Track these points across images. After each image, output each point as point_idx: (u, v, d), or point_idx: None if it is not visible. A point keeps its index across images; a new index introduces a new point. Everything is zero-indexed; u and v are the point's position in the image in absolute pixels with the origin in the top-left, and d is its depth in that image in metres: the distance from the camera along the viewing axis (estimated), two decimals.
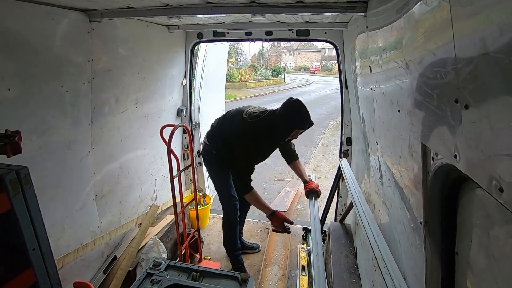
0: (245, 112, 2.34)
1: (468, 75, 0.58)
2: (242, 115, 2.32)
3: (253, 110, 2.35)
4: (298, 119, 2.16)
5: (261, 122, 2.24)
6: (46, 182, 1.81)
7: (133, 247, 2.46)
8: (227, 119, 2.44)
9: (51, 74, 1.77)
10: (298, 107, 2.16)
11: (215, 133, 2.48)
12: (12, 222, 0.77)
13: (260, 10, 1.77)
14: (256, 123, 2.25)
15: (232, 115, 2.42)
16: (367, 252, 1.74)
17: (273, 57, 45.42)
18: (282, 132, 2.23)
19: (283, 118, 2.17)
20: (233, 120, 2.37)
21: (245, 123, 2.27)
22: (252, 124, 2.25)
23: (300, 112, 2.15)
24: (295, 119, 2.17)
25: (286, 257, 2.90)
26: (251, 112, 2.32)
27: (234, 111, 2.46)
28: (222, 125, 2.46)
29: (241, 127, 2.29)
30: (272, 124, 2.21)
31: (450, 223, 0.79)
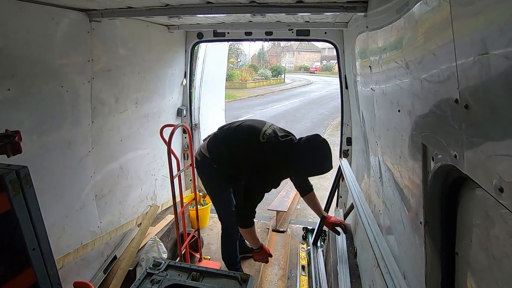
0: (262, 134, 1.99)
1: (468, 75, 0.58)
2: (259, 138, 1.97)
3: (270, 132, 2.00)
4: (320, 168, 1.88)
5: (279, 152, 1.93)
6: (46, 182, 1.81)
7: (133, 247, 2.46)
8: (238, 135, 2.07)
9: (51, 74, 1.77)
10: (326, 152, 1.87)
11: (219, 147, 2.13)
12: (12, 222, 0.77)
13: (260, 10, 1.77)
14: (274, 151, 1.94)
15: (243, 132, 2.06)
16: (367, 252, 1.74)
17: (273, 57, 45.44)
18: (299, 173, 2.05)
19: (305, 161, 1.88)
20: (246, 139, 2.02)
21: (263, 148, 1.95)
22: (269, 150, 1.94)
23: (324, 163, 1.86)
24: (316, 167, 1.89)
25: (286, 257, 2.90)
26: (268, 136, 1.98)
27: (247, 127, 2.08)
28: (231, 139, 2.09)
29: (257, 150, 1.97)
30: (291, 160, 1.90)
31: (450, 223, 0.79)
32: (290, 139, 1.98)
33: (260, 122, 2.13)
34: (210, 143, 2.19)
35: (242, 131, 2.07)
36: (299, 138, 1.99)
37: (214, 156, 2.15)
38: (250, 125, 2.09)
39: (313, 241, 2.93)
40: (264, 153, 1.94)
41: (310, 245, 2.97)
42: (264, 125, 2.08)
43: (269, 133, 2.00)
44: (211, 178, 2.26)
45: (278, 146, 1.93)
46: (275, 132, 2.02)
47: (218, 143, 2.14)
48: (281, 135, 2.01)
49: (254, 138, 1.97)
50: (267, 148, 1.94)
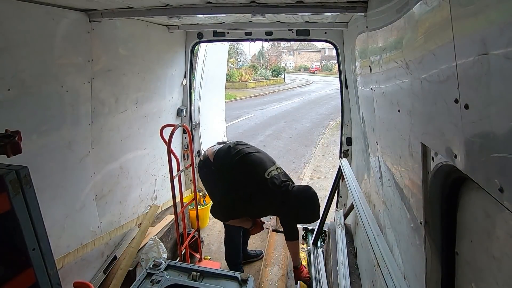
0: (268, 171, 2.18)
1: (468, 75, 0.58)
2: (265, 174, 2.16)
3: (275, 174, 2.20)
4: (306, 217, 2.16)
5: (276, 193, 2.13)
6: (46, 182, 1.81)
7: (133, 247, 2.46)
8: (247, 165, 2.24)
9: (51, 74, 1.77)
10: (313, 205, 2.10)
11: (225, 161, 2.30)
12: (12, 222, 0.76)
13: (260, 10, 1.77)
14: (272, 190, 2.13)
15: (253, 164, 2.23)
16: (367, 252, 1.74)
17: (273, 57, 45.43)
18: (284, 214, 2.25)
19: (294, 210, 2.11)
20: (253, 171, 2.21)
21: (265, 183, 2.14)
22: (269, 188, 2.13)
23: (311, 212, 2.11)
24: (304, 216, 2.14)
25: (286, 257, 2.90)
26: (273, 175, 2.18)
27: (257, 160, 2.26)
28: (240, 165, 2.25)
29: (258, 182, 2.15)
30: (282, 201, 2.12)
31: (450, 223, 0.79)
32: (288, 185, 2.18)
33: (270, 160, 2.33)
34: (218, 153, 2.37)
35: (253, 160, 2.26)
36: (292, 186, 2.19)
37: (217, 165, 2.34)
38: (262, 159, 2.30)
39: (313, 241, 2.93)
40: (262, 188, 2.13)
41: (310, 245, 2.97)
42: (273, 164, 2.29)
43: (274, 174, 2.20)
44: (213, 181, 2.41)
45: (276, 187, 2.13)
46: (279, 175, 2.22)
47: (226, 158, 2.31)
48: (283, 179, 2.20)
49: (261, 172, 2.18)
50: (267, 185, 2.13)
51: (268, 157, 2.37)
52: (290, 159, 7.42)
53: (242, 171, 2.24)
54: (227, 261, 2.71)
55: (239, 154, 2.29)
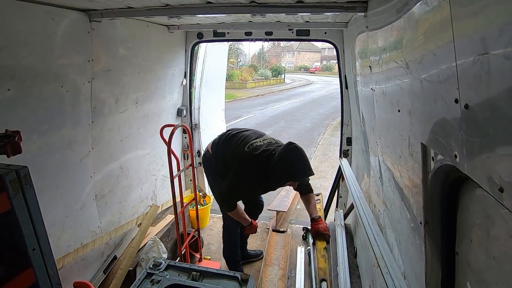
0: (249, 144, 2.16)
1: (468, 75, 0.58)
2: (245, 148, 2.14)
3: (258, 145, 2.14)
4: (292, 171, 1.98)
5: (258, 162, 2.06)
6: (46, 182, 1.81)
7: (133, 247, 2.46)
8: (231, 142, 2.26)
9: (51, 74, 1.77)
10: (294, 158, 1.97)
11: (218, 148, 2.36)
12: (12, 222, 0.76)
13: (260, 10, 1.77)
14: (252, 161, 2.07)
15: (237, 141, 2.24)
16: (367, 252, 1.74)
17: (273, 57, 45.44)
18: (275, 181, 2.12)
19: (277, 168, 1.98)
20: (235, 147, 2.21)
21: (245, 156, 2.11)
22: (249, 160, 2.09)
23: (295, 165, 1.97)
24: (289, 172, 1.99)
25: (286, 257, 2.90)
26: (254, 147, 2.13)
27: (241, 137, 2.25)
28: (227, 144, 2.30)
29: (239, 157, 2.14)
30: (267, 168, 2.03)
31: (450, 223, 0.79)
32: (271, 151, 2.08)
33: (256, 134, 2.29)
34: (214, 142, 2.43)
35: (236, 139, 2.26)
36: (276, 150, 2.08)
37: (214, 153, 2.38)
38: (245, 135, 2.27)
39: (313, 241, 2.93)
40: (244, 163, 2.11)
41: (310, 245, 2.97)
42: (258, 137, 2.23)
43: (257, 145, 2.14)
44: (214, 174, 2.44)
45: (257, 157, 2.07)
46: (263, 145, 2.14)
47: (218, 145, 2.37)
48: (265, 148, 2.11)
49: (241, 147, 2.16)
50: (247, 158, 2.10)
51: (256, 132, 2.33)
52: None
53: (228, 153, 2.25)
54: (225, 258, 2.71)
55: (227, 137, 2.32)
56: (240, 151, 2.15)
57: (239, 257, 2.72)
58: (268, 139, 2.23)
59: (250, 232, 2.47)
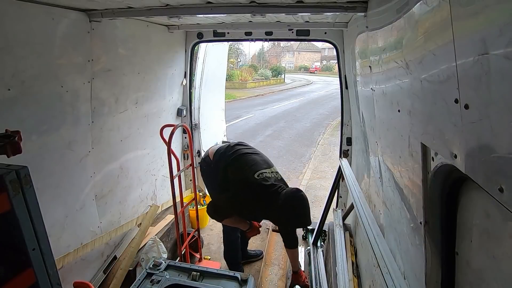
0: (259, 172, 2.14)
1: (468, 75, 0.58)
2: (254, 175, 2.12)
3: (267, 176, 2.15)
4: (294, 219, 2.08)
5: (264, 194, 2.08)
6: (46, 182, 1.80)
7: (133, 247, 2.46)
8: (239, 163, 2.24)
9: (51, 74, 1.77)
10: (300, 208, 2.02)
11: (221, 159, 2.32)
12: (12, 222, 0.76)
13: (260, 10, 1.77)
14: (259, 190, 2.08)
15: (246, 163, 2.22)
16: (367, 252, 1.74)
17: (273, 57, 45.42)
18: (272, 217, 2.23)
19: (281, 209, 2.03)
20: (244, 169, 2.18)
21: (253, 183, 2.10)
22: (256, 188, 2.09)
23: (299, 214, 2.03)
24: (291, 218, 2.07)
25: (286, 257, 2.90)
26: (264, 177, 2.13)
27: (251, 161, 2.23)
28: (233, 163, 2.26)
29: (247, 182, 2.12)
30: (269, 203, 2.06)
31: (450, 223, 0.79)
32: (278, 187, 2.11)
33: (266, 162, 2.28)
34: (218, 152, 2.39)
35: (247, 161, 2.24)
36: (283, 189, 2.11)
37: (215, 163, 2.36)
38: (257, 160, 2.25)
39: (313, 241, 2.93)
40: (250, 189, 2.10)
41: (310, 245, 2.97)
42: (268, 167, 2.23)
43: (266, 176, 2.14)
44: (212, 179, 2.42)
45: (264, 190, 2.07)
46: (271, 178, 2.16)
47: (222, 157, 2.33)
48: (274, 183, 2.13)
49: (251, 172, 2.14)
50: (255, 186, 2.09)
51: (265, 159, 2.33)
52: (290, 159, 7.43)
53: (234, 170, 2.22)
54: (226, 260, 2.71)
55: (235, 153, 2.29)
56: (249, 176, 2.13)
57: (240, 258, 2.72)
58: (275, 172, 2.24)
59: (252, 234, 2.43)
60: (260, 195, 2.07)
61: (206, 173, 2.51)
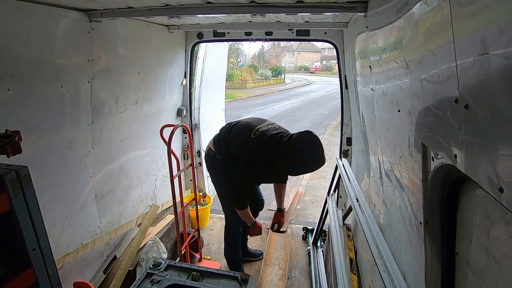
0: (254, 130, 2.08)
1: (468, 75, 0.58)
2: (250, 134, 2.06)
3: (264, 130, 2.07)
4: (311, 164, 1.90)
5: (268, 148, 1.97)
6: (46, 182, 1.81)
7: (133, 247, 2.46)
8: (234, 132, 2.22)
9: (51, 74, 1.77)
10: (315, 149, 1.86)
11: (221, 142, 2.30)
12: (12, 222, 0.76)
13: (260, 10, 1.77)
14: (261, 146, 2.00)
15: (239, 129, 2.20)
16: (367, 252, 1.74)
17: (273, 57, 45.43)
18: (284, 169, 2.05)
19: (293, 156, 1.89)
20: (239, 136, 2.16)
21: (252, 142, 2.03)
22: (257, 146, 2.01)
23: (316, 159, 1.87)
24: (307, 162, 1.89)
25: (286, 257, 2.90)
26: (261, 132, 2.05)
27: (243, 124, 2.21)
28: (229, 136, 2.24)
29: (246, 144, 2.06)
30: (277, 155, 1.93)
31: (450, 223, 0.79)
32: (281, 136, 1.99)
33: (258, 120, 2.24)
34: (215, 138, 2.39)
35: (238, 128, 2.23)
36: (290, 134, 2.02)
37: (218, 149, 2.34)
38: (247, 122, 2.24)
39: (313, 241, 2.93)
40: (252, 148, 2.03)
41: (310, 245, 2.97)
42: (262, 122, 2.19)
43: (262, 130, 2.08)
44: (218, 170, 2.40)
45: (267, 143, 1.99)
46: (269, 130, 2.10)
47: (220, 139, 2.32)
48: (274, 133, 2.04)
49: (246, 134, 2.10)
50: (256, 144, 2.02)
51: (257, 118, 2.27)
52: None
53: (232, 144, 2.18)
54: (226, 258, 2.70)
55: (228, 128, 2.28)
56: (246, 139, 2.05)
57: (240, 256, 2.72)
58: (271, 124, 2.18)
59: (254, 233, 2.45)
60: (263, 150, 1.97)
61: (212, 166, 2.43)
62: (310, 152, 1.88)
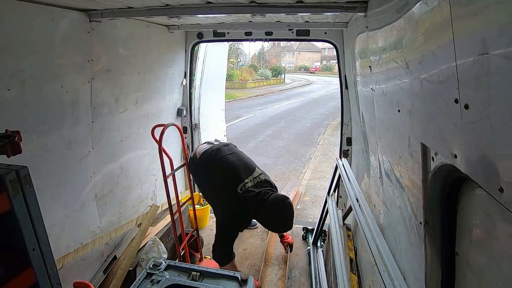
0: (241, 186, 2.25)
1: (468, 75, 0.58)
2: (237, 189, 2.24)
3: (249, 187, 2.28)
4: (281, 225, 2.33)
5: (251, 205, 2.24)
6: (46, 182, 1.81)
7: (133, 247, 2.46)
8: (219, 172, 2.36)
9: (51, 74, 1.77)
10: (286, 215, 2.24)
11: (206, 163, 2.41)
12: (12, 222, 0.76)
13: (260, 10, 1.77)
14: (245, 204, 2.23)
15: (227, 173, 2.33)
16: (366, 251, 1.74)
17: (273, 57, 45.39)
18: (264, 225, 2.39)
19: (269, 217, 2.25)
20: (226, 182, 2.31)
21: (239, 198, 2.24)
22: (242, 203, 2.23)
23: (285, 221, 2.26)
24: (279, 224, 2.31)
25: (286, 257, 2.90)
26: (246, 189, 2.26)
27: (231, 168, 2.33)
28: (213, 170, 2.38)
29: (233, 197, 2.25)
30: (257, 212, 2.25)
31: (450, 223, 0.79)
32: (264, 194, 2.26)
33: (247, 169, 2.36)
34: (204, 154, 2.45)
35: (227, 171, 2.33)
36: (269, 194, 2.27)
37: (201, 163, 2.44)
38: (237, 169, 2.32)
39: (313, 241, 2.93)
40: (237, 204, 2.23)
41: (310, 245, 2.97)
42: (251, 174, 2.34)
43: (248, 187, 2.27)
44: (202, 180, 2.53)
45: (250, 201, 2.22)
46: (255, 185, 2.30)
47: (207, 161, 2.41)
48: (258, 190, 2.27)
49: (233, 188, 2.25)
50: (241, 201, 2.22)
51: (246, 164, 2.42)
52: (290, 159, 7.42)
53: (217, 181, 2.35)
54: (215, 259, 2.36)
55: (218, 161, 2.38)
56: (232, 191, 2.24)
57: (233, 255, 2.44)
58: (257, 177, 2.35)
59: None
60: (247, 207, 2.22)
61: (194, 172, 2.59)
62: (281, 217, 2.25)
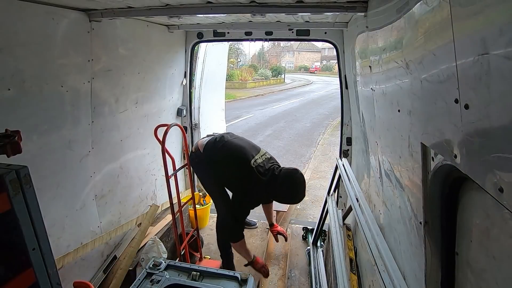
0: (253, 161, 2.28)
1: (468, 75, 0.58)
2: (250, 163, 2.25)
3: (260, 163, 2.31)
4: (295, 197, 2.33)
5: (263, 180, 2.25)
6: (46, 182, 1.80)
7: (133, 247, 2.46)
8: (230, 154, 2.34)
9: (51, 74, 1.77)
10: (299, 186, 2.26)
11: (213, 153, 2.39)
12: (12, 222, 0.76)
13: (260, 10, 1.77)
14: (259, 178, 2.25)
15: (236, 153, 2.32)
16: (367, 252, 1.74)
17: (273, 57, 45.39)
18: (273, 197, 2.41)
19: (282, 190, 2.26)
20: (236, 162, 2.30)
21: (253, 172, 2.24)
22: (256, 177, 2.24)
23: (298, 192, 2.27)
24: (291, 196, 2.32)
25: (286, 257, 2.90)
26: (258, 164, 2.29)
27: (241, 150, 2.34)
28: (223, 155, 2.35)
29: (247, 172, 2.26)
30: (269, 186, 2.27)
31: (450, 223, 0.79)
32: (273, 169, 2.30)
33: (254, 148, 2.41)
34: (208, 144, 2.42)
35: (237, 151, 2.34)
36: (280, 169, 2.31)
37: (207, 156, 2.39)
38: (244, 148, 2.36)
39: (313, 241, 2.93)
40: (252, 177, 2.24)
41: (310, 245, 2.97)
42: (258, 152, 2.39)
43: (260, 162, 2.31)
44: (205, 171, 2.47)
45: (263, 176, 2.25)
46: (264, 162, 2.34)
47: (214, 148, 2.39)
48: (268, 166, 2.32)
49: (246, 162, 2.26)
50: (255, 174, 2.24)
51: (253, 146, 2.45)
52: (290, 159, 7.42)
53: (227, 163, 2.33)
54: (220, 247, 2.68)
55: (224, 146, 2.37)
56: (247, 168, 2.25)
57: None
58: (264, 155, 2.39)
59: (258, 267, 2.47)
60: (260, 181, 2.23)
61: (198, 166, 2.55)
62: (295, 189, 2.26)
